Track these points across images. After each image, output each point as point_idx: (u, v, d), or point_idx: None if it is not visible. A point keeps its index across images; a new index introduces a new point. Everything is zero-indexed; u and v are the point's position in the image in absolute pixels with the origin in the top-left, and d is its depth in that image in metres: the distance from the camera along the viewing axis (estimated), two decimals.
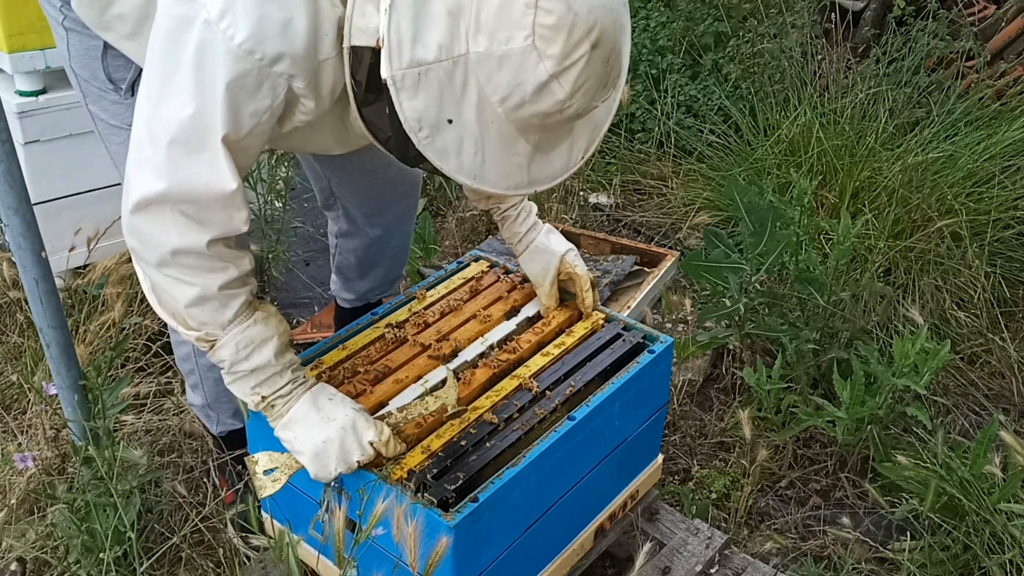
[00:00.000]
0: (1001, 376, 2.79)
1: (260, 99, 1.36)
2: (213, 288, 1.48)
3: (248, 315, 1.53)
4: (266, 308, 1.57)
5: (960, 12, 3.85)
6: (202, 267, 1.47)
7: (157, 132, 1.38)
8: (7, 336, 2.71)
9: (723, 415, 2.65)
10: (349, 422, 1.56)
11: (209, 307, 1.50)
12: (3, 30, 2.49)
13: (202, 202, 1.40)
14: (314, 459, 1.55)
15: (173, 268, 1.46)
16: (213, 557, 2.03)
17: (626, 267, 3.07)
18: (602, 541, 1.96)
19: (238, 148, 1.39)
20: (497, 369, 1.82)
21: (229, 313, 1.51)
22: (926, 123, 3.35)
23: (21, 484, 2.13)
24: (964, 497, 2.05)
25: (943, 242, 2.94)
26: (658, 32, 4.00)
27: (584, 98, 1.31)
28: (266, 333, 1.54)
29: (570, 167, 1.46)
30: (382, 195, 2.23)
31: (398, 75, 1.26)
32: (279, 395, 1.57)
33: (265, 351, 1.54)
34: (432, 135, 1.31)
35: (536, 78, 1.26)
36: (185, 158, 1.37)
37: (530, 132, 1.35)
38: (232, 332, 1.52)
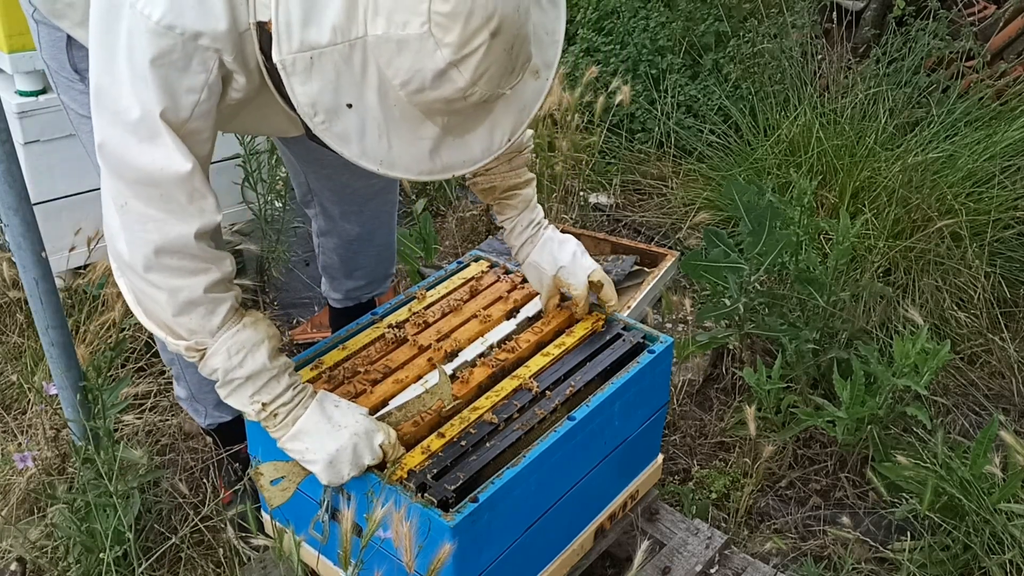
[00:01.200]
0: (1001, 376, 2.79)
1: (193, 75, 1.33)
2: (199, 290, 1.46)
3: (236, 320, 1.52)
4: (253, 314, 1.55)
5: (960, 12, 3.85)
6: (185, 268, 1.45)
7: (114, 119, 1.37)
8: (7, 336, 2.71)
9: (723, 415, 2.65)
10: (361, 428, 1.56)
11: (197, 313, 1.48)
12: (3, 30, 2.49)
13: (164, 187, 1.38)
14: (328, 468, 1.54)
15: (158, 272, 1.45)
16: (213, 557, 2.03)
17: (626, 267, 3.07)
18: (602, 541, 1.96)
19: (185, 132, 1.37)
20: (496, 368, 1.82)
21: (217, 319, 1.49)
22: (926, 123, 3.35)
23: (21, 484, 2.13)
24: (964, 497, 2.05)
25: (943, 242, 2.94)
26: (658, 32, 4.00)
27: (488, 86, 1.27)
28: (257, 336, 1.52)
29: (492, 150, 1.40)
30: (358, 191, 2.21)
31: (288, 59, 1.23)
32: (281, 403, 1.56)
33: (258, 355, 1.52)
34: (329, 120, 1.27)
35: (434, 65, 1.22)
36: (137, 147, 1.36)
37: (436, 115, 1.31)
38: (222, 338, 1.50)
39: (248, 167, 2.99)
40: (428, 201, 3.55)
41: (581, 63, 3.94)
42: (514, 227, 1.93)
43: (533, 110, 1.42)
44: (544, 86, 1.42)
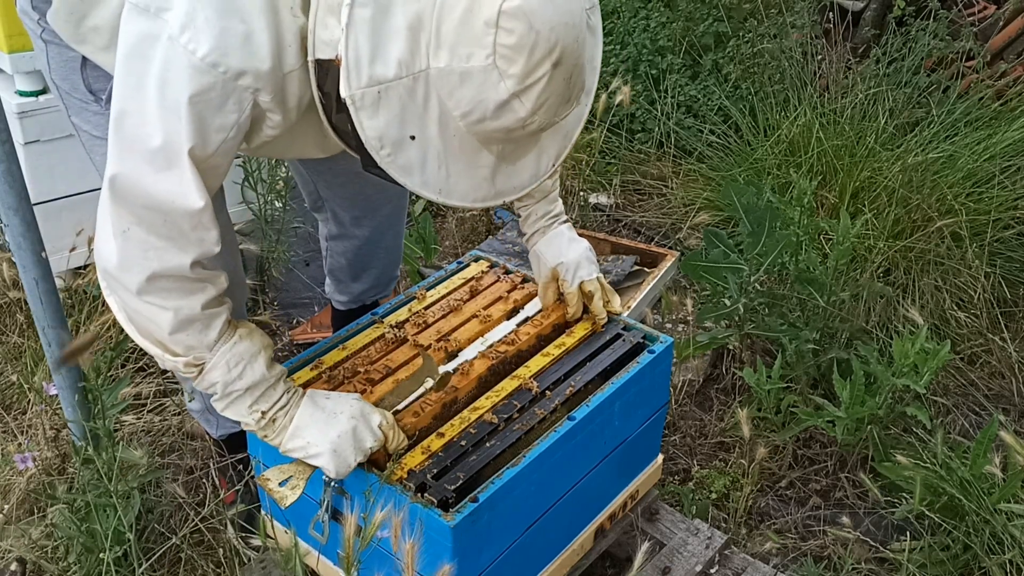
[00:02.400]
0: (1001, 376, 2.79)
1: (226, 114, 1.34)
2: (196, 308, 1.46)
3: (231, 333, 1.52)
4: (246, 325, 1.56)
5: (960, 12, 3.85)
6: (182, 289, 1.45)
7: (131, 147, 1.37)
8: (7, 336, 2.71)
9: (723, 415, 2.65)
10: (357, 411, 1.56)
11: (194, 329, 1.48)
12: (3, 30, 2.49)
13: (171, 219, 1.38)
14: (333, 456, 1.53)
15: (152, 295, 1.44)
16: (213, 557, 2.03)
17: (626, 267, 3.07)
18: (602, 541, 1.96)
19: (206, 167, 1.37)
20: (495, 360, 1.83)
21: (214, 333, 1.50)
22: (926, 123, 3.35)
23: (21, 484, 2.13)
24: (964, 497, 2.06)
25: (943, 242, 2.94)
26: (658, 32, 4.00)
27: (546, 115, 1.30)
28: (254, 348, 1.53)
29: (539, 176, 1.45)
30: (371, 198, 2.22)
31: (357, 94, 1.25)
32: (278, 407, 1.56)
33: (257, 366, 1.53)
34: (395, 153, 1.30)
35: (497, 96, 1.25)
36: (153, 176, 1.36)
37: (493, 144, 1.35)
38: (220, 351, 1.51)
39: (248, 167, 2.99)
40: (428, 201, 3.55)
41: None
42: (529, 215, 1.94)
43: (575, 135, 1.47)
44: (584, 111, 1.46)
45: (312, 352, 1.86)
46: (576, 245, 1.94)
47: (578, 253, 1.93)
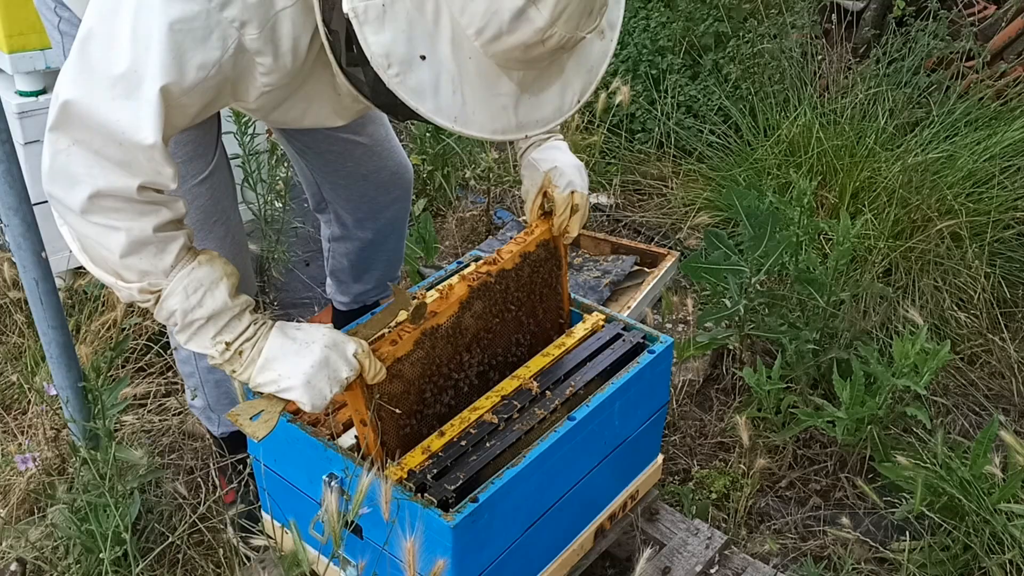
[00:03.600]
0: (1001, 376, 2.79)
1: (209, 49, 1.27)
2: (148, 231, 1.37)
3: (191, 258, 1.43)
4: (207, 252, 1.47)
5: (960, 12, 3.85)
6: (130, 210, 1.36)
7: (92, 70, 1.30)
8: (7, 336, 2.71)
9: (723, 415, 2.65)
10: (330, 340, 1.47)
11: (147, 253, 1.39)
12: (3, 30, 2.50)
13: (124, 147, 1.31)
14: (307, 388, 1.45)
15: (97, 214, 1.36)
16: (213, 557, 2.03)
17: (626, 267, 3.07)
18: (602, 541, 1.96)
19: (176, 104, 1.30)
20: (475, 283, 1.76)
21: (169, 258, 1.41)
22: (926, 123, 3.35)
23: (21, 484, 2.13)
24: (964, 497, 2.06)
25: (943, 242, 2.94)
26: (658, 32, 4.00)
27: (567, 26, 1.22)
28: (214, 274, 1.44)
29: (564, 111, 1.36)
30: (375, 200, 2.22)
31: (360, 7, 1.18)
32: (244, 339, 1.46)
33: (219, 292, 1.43)
34: (403, 73, 1.21)
35: (512, 4, 1.18)
36: (109, 103, 1.29)
37: (513, 69, 1.27)
38: (177, 277, 1.42)
39: (248, 167, 2.99)
40: (428, 201, 3.55)
41: None
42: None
43: (600, 70, 1.40)
44: (609, 47, 1.41)
45: None
46: (571, 156, 1.86)
47: (573, 163, 1.85)
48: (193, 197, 1.81)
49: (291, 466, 1.74)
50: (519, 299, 1.85)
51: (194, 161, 1.81)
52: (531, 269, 1.86)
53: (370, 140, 2.09)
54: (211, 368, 2.03)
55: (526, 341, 1.89)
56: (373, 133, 2.10)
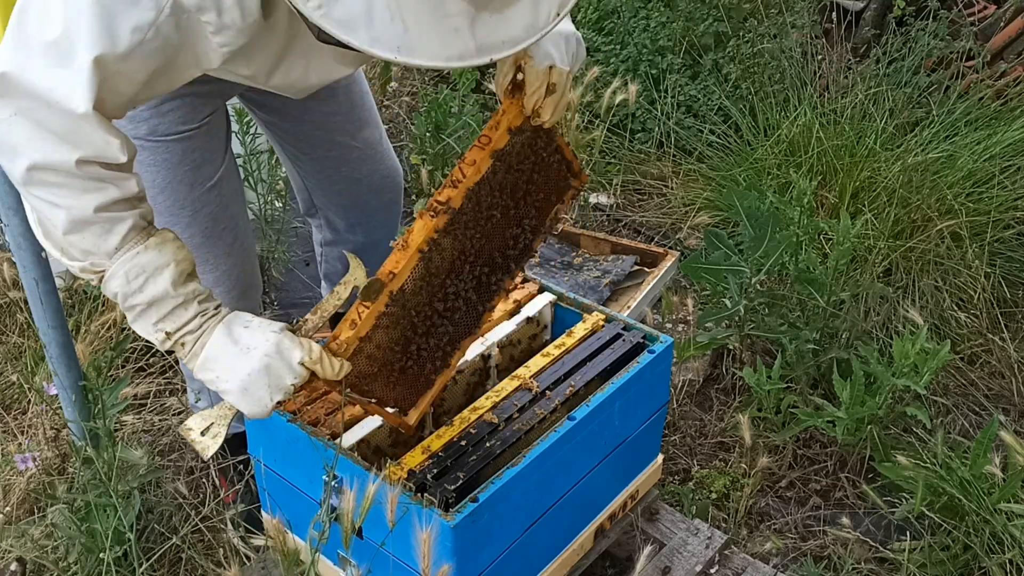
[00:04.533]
0: (1001, 376, 2.79)
1: (141, 11, 1.21)
2: (88, 210, 1.32)
3: (139, 241, 1.37)
4: (162, 234, 1.41)
5: (960, 12, 3.85)
6: (70, 186, 1.31)
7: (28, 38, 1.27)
8: (7, 336, 2.71)
9: (723, 415, 2.65)
10: (272, 347, 1.40)
11: (90, 233, 1.34)
12: (3, 30, 2.49)
13: (57, 116, 1.26)
14: (243, 395, 1.40)
15: (37, 187, 1.32)
16: (213, 557, 2.03)
17: (626, 267, 3.07)
18: (602, 541, 1.96)
19: (115, 71, 1.26)
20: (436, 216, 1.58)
21: (114, 239, 1.35)
22: (926, 123, 3.35)
23: (21, 484, 2.13)
24: (964, 497, 2.06)
25: (943, 242, 2.94)
26: (658, 32, 4.00)
27: None
28: (160, 260, 1.38)
29: (539, 27, 1.20)
30: (367, 204, 2.20)
31: None
32: (187, 331, 1.41)
33: (160, 280, 1.37)
34: (327, 4, 1.11)
35: None
36: (42, 71, 1.25)
37: None
38: (120, 260, 1.36)
39: (248, 167, 2.99)
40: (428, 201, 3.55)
41: None
42: None
43: None
44: None
45: None
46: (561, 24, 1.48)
47: (561, 31, 1.55)
48: (202, 204, 1.81)
49: (291, 466, 1.74)
50: (503, 203, 1.66)
51: (203, 168, 1.81)
52: (507, 166, 1.63)
53: (364, 144, 2.09)
54: None
55: (529, 225, 1.74)
56: (368, 137, 2.10)
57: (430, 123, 3.49)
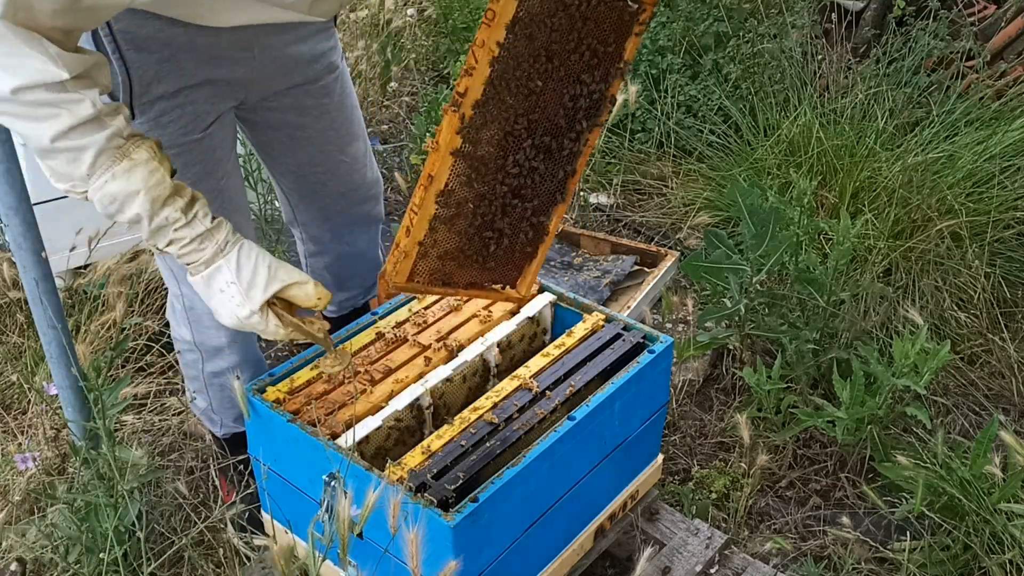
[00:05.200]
0: (1001, 376, 2.79)
1: None
2: (45, 140, 1.30)
3: (111, 164, 1.35)
4: (135, 155, 1.37)
5: (960, 12, 3.85)
6: (22, 115, 1.29)
7: None
8: (7, 336, 2.71)
9: (723, 415, 2.65)
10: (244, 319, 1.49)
11: (59, 160, 1.34)
12: None
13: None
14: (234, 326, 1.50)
15: (2, 116, 1.32)
16: (213, 557, 2.03)
17: (626, 267, 3.07)
18: (602, 541, 1.96)
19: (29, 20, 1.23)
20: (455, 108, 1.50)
21: (83, 167, 1.34)
22: (926, 123, 3.35)
23: (21, 484, 2.13)
24: (964, 497, 2.06)
25: (943, 242, 2.94)
26: (658, 32, 4.00)
27: None
28: (130, 187, 1.36)
29: None
30: (349, 213, 2.21)
31: None
32: (175, 254, 1.45)
33: (131, 208, 1.37)
34: None
35: None
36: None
37: None
38: (93, 187, 1.36)
39: (248, 167, 2.99)
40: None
41: None
42: None
43: None
44: None
45: (312, 352, 1.86)
46: None
47: None
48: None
49: (291, 466, 1.74)
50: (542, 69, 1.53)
51: (205, 179, 1.80)
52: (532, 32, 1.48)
53: (351, 158, 2.10)
54: (215, 373, 2.03)
55: (593, 77, 1.60)
56: (355, 151, 2.11)
57: (430, 123, 3.49)
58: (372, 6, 4.47)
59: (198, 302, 1.87)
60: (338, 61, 1.98)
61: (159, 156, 1.41)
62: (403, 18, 4.54)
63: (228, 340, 1.98)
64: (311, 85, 1.92)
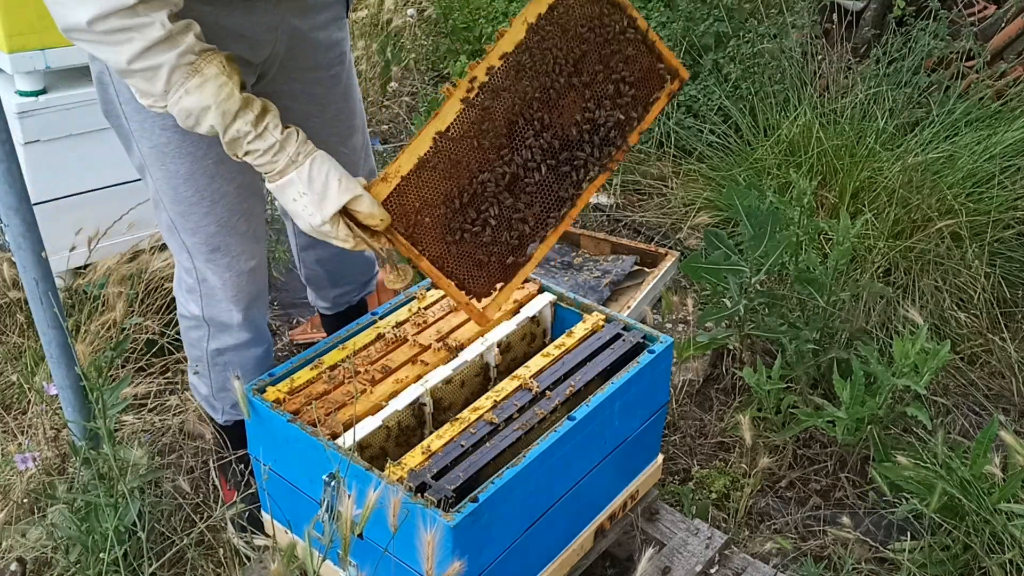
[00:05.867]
0: (1001, 376, 2.79)
1: None
2: (123, 64, 1.41)
3: (184, 80, 1.44)
4: (205, 71, 1.46)
5: (960, 12, 3.85)
6: (101, 42, 1.40)
7: None
8: (7, 336, 2.71)
9: (723, 415, 2.65)
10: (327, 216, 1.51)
11: (136, 80, 1.44)
12: (3, 30, 2.49)
13: None
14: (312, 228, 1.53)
15: (84, 45, 1.43)
16: (213, 557, 2.03)
17: (626, 267, 3.07)
18: (602, 541, 1.96)
19: None
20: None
21: (160, 84, 1.44)
22: (926, 123, 3.36)
23: (21, 484, 2.13)
24: (964, 497, 2.06)
25: (943, 242, 2.94)
26: (658, 32, 4.00)
27: None
28: (202, 102, 1.46)
29: None
30: None
31: None
32: (259, 158, 1.51)
33: (206, 121, 1.47)
34: None
35: None
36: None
37: None
38: (170, 102, 1.46)
39: None
40: None
41: None
42: None
43: None
44: None
45: (312, 352, 1.86)
46: None
47: None
48: (221, 196, 1.83)
49: (291, 466, 1.74)
50: (564, 71, 1.62)
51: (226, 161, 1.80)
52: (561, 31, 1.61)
53: (351, 151, 2.10)
54: (219, 350, 2.03)
55: (613, 110, 1.68)
56: (355, 144, 2.11)
57: None
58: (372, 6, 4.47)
59: (211, 276, 1.90)
60: (348, 52, 2.00)
61: (228, 70, 1.48)
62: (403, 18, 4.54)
63: (240, 318, 1.99)
64: (323, 73, 1.93)
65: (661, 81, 1.72)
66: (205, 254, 1.88)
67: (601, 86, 1.66)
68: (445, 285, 1.62)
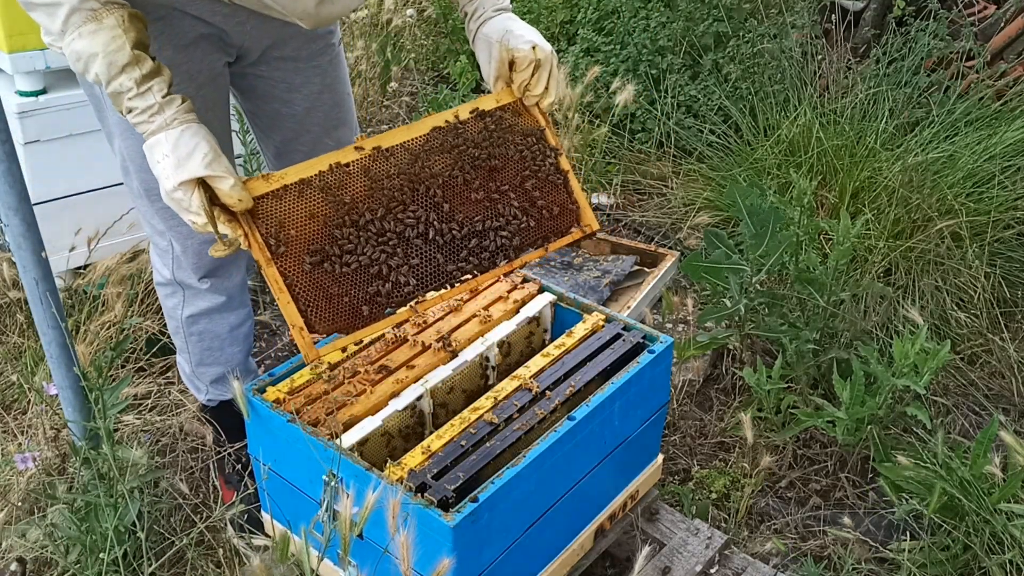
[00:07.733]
0: (1001, 376, 2.79)
1: None
2: None
3: (80, 25, 1.44)
4: (101, 20, 1.45)
5: (960, 12, 3.85)
6: None
7: None
8: (7, 336, 2.71)
9: (723, 415, 2.65)
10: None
11: (40, 12, 1.45)
12: (3, 30, 2.49)
13: None
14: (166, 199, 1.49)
15: None
16: (213, 557, 2.03)
17: (626, 267, 3.07)
18: (602, 541, 1.96)
19: None
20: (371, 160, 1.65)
21: (57, 22, 1.44)
22: (926, 123, 3.36)
23: (21, 484, 2.13)
24: (964, 497, 2.06)
25: (943, 242, 2.94)
26: (658, 32, 4.00)
27: None
28: (91, 48, 1.44)
29: None
30: None
31: None
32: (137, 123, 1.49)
33: (93, 68, 1.46)
34: None
35: None
36: None
37: None
38: (65, 43, 1.46)
39: (248, 167, 2.99)
40: None
41: (581, 63, 3.94)
42: (476, 9, 1.84)
43: None
44: None
45: None
46: (523, 24, 1.78)
47: (524, 26, 1.76)
48: None
49: (291, 466, 1.74)
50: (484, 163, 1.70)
51: None
52: (491, 131, 1.73)
53: (336, 143, 2.10)
54: (192, 317, 2.03)
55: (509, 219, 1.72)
56: (341, 137, 2.11)
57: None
58: (372, 6, 4.47)
59: (175, 242, 1.92)
60: (336, 44, 1.99)
61: (127, 26, 1.47)
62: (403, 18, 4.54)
63: (208, 285, 1.99)
64: (303, 64, 1.93)
65: (568, 221, 1.79)
66: (167, 220, 1.89)
67: (502, 194, 1.72)
68: (284, 301, 1.52)
